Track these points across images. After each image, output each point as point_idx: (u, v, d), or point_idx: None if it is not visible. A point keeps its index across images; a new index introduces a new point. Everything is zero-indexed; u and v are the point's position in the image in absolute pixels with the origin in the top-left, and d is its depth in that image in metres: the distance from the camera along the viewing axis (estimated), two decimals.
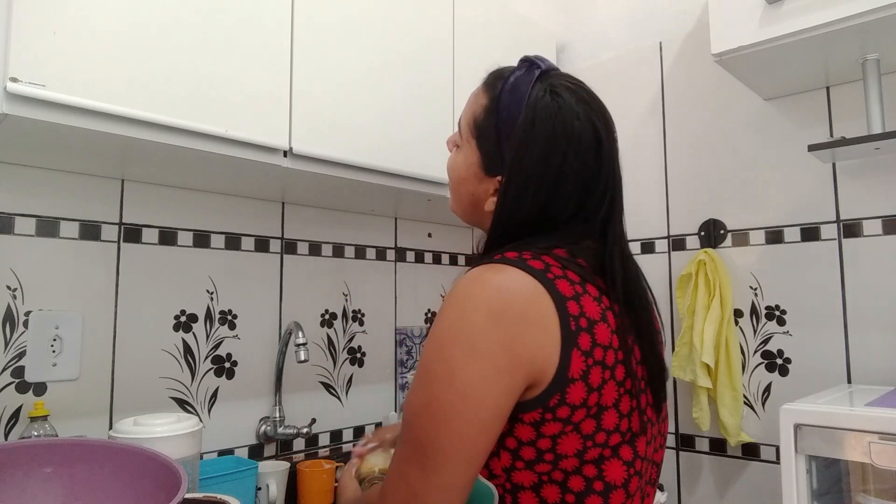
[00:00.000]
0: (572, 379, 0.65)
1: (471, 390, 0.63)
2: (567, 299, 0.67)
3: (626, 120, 1.85)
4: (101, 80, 0.93)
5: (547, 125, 0.76)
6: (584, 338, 0.66)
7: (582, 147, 0.77)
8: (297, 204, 1.58)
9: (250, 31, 1.13)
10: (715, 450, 1.59)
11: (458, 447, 0.63)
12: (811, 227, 1.49)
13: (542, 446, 0.66)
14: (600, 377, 0.66)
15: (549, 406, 0.64)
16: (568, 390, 0.64)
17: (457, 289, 0.68)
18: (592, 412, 0.66)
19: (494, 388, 0.63)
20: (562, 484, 0.66)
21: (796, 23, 1.22)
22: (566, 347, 0.65)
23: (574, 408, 0.65)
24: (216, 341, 1.40)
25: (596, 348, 0.67)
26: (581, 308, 0.67)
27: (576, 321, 0.66)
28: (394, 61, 1.39)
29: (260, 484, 1.31)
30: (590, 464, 0.67)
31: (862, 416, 1.00)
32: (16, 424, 1.12)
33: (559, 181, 0.75)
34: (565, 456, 0.66)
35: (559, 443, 0.65)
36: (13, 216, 1.15)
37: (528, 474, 0.67)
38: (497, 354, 0.64)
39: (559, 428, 0.65)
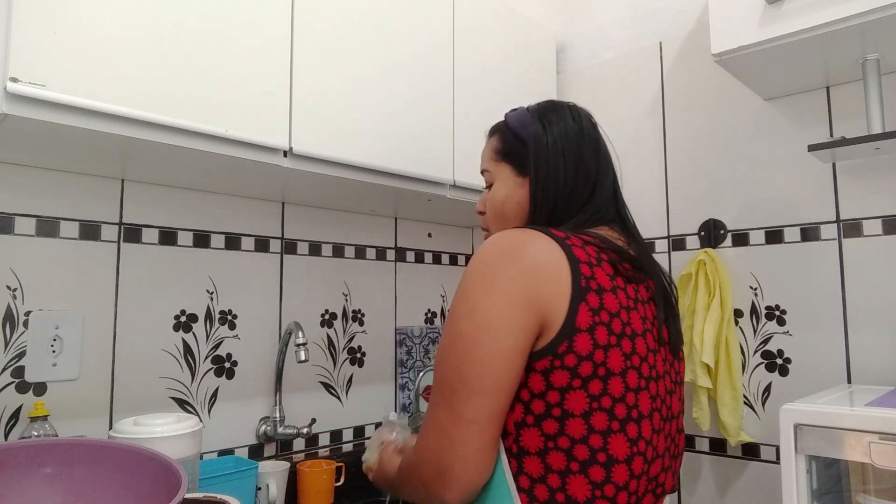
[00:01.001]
0: (579, 329, 0.70)
1: (490, 321, 0.70)
2: (581, 262, 0.73)
3: (626, 120, 1.85)
4: (101, 80, 0.93)
5: (554, 125, 0.91)
6: (593, 297, 0.72)
7: (584, 140, 0.91)
8: (297, 204, 1.58)
9: (250, 31, 1.13)
10: (715, 450, 1.59)
11: (481, 376, 0.69)
12: (811, 227, 1.49)
13: (551, 399, 0.70)
14: (606, 338, 0.71)
15: (557, 353, 0.70)
16: (575, 339, 0.70)
17: (484, 245, 0.77)
18: (599, 373, 0.70)
19: (511, 320, 0.70)
20: (567, 451, 0.70)
21: (796, 23, 1.22)
22: (575, 300, 0.70)
23: (580, 357, 0.70)
24: (216, 341, 1.40)
25: (602, 311, 0.72)
26: (593, 273, 0.73)
27: (587, 280, 0.72)
28: (394, 61, 1.39)
29: (260, 484, 1.31)
30: (597, 434, 0.70)
31: (862, 416, 1.00)
32: (16, 424, 1.12)
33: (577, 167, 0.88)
34: (572, 415, 0.70)
35: (567, 398, 0.70)
36: (13, 216, 1.15)
37: (536, 435, 0.70)
38: (513, 291, 0.70)
39: (567, 379, 0.70)
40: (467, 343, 0.71)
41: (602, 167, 0.91)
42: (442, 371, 0.73)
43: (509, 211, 0.92)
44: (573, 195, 0.87)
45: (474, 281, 0.73)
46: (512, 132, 0.95)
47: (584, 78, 1.95)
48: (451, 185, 1.51)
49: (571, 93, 1.96)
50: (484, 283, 0.72)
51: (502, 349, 0.69)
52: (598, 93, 1.92)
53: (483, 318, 0.70)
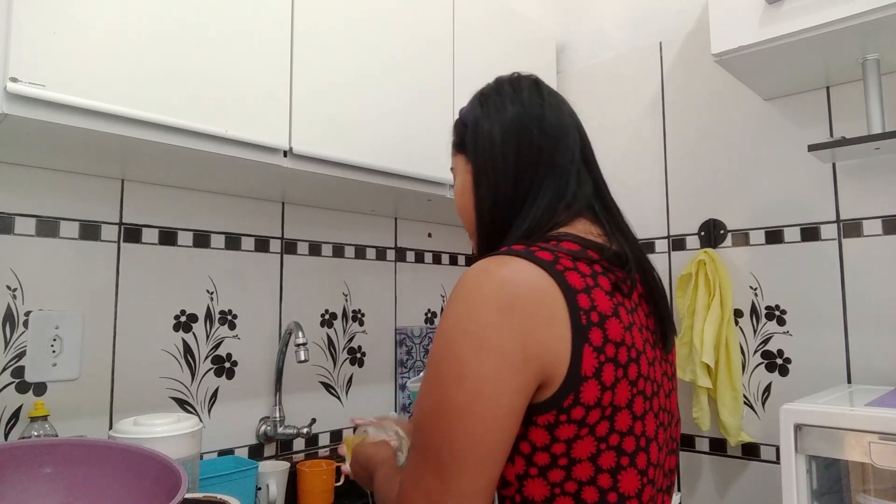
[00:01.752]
0: (585, 377, 0.62)
1: (483, 388, 0.61)
2: (577, 292, 0.64)
3: (626, 120, 1.85)
4: (101, 80, 0.93)
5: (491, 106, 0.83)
6: (596, 333, 0.64)
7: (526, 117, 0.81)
8: (297, 204, 1.58)
9: (250, 31, 1.13)
10: (715, 450, 1.59)
11: (474, 449, 0.61)
12: (811, 227, 1.49)
13: (557, 451, 0.63)
14: (613, 375, 0.64)
15: (563, 407, 0.62)
16: (581, 389, 0.62)
17: (463, 282, 0.66)
18: (607, 413, 0.63)
19: (507, 384, 0.61)
20: (575, 496, 0.63)
21: (796, 23, 1.22)
22: (577, 343, 0.62)
23: (588, 408, 0.63)
24: (216, 341, 1.40)
25: (608, 345, 0.64)
26: (592, 301, 0.65)
27: (587, 315, 0.64)
28: (394, 61, 1.39)
29: (260, 484, 1.31)
30: (605, 473, 0.64)
31: (862, 416, 1.00)
32: (16, 424, 1.12)
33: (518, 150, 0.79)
34: (579, 461, 0.63)
35: (574, 447, 0.63)
36: (13, 216, 1.15)
37: (541, 484, 0.64)
38: (508, 350, 0.61)
39: (574, 431, 0.63)
40: (458, 412, 0.61)
41: (550, 144, 0.79)
42: (426, 435, 0.64)
43: (466, 201, 0.85)
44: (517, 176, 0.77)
45: (461, 337, 0.63)
46: (461, 120, 0.89)
47: (584, 78, 1.95)
48: (452, 185, 1.51)
49: (571, 93, 1.96)
50: (472, 342, 0.62)
51: (497, 418, 0.61)
52: (598, 93, 1.92)
53: (474, 383, 0.61)
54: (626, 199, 0.97)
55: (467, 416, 0.61)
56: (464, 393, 0.61)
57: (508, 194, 0.78)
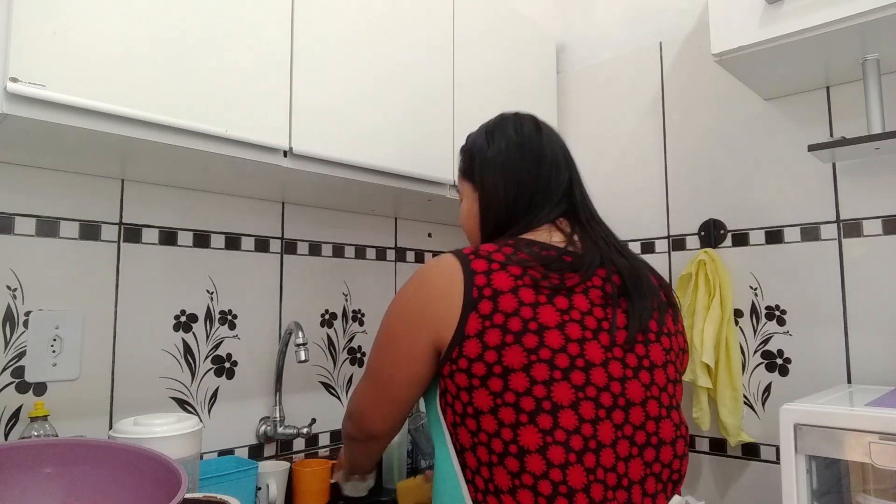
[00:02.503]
0: (468, 335, 0.80)
1: (395, 335, 0.88)
2: (476, 273, 0.82)
3: (626, 120, 1.85)
4: (101, 80, 0.93)
5: (496, 139, 1.00)
6: (485, 304, 0.80)
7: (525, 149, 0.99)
8: (297, 204, 1.58)
9: (250, 31, 1.13)
10: (715, 450, 1.59)
11: (385, 370, 0.89)
12: (811, 227, 1.49)
13: (463, 398, 0.80)
14: (500, 339, 0.78)
15: (452, 357, 0.81)
16: (464, 344, 0.80)
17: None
18: (495, 371, 0.78)
19: (408, 336, 0.86)
20: (487, 444, 0.78)
21: (796, 23, 1.22)
22: (465, 311, 0.80)
23: (470, 360, 0.79)
24: (216, 341, 1.40)
25: (496, 314, 0.79)
26: (489, 280, 0.82)
27: (479, 290, 0.81)
28: (394, 60, 1.39)
29: (260, 484, 1.31)
30: (506, 427, 0.77)
31: (862, 416, 1.00)
32: (16, 424, 1.12)
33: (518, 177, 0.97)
34: (482, 412, 0.78)
35: (473, 396, 0.79)
36: (13, 216, 1.15)
37: (464, 432, 0.81)
38: (412, 314, 0.86)
39: (466, 379, 0.79)
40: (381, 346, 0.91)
41: (545, 172, 0.97)
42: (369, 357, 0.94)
43: (473, 225, 1.03)
44: (516, 203, 0.96)
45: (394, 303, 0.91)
46: (467, 150, 1.05)
47: (584, 78, 1.95)
48: (452, 185, 1.51)
49: (571, 93, 1.96)
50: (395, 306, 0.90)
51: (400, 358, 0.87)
52: (598, 93, 1.92)
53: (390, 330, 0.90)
54: (626, 199, 0.99)
55: (383, 349, 0.90)
56: (385, 336, 0.90)
57: (504, 219, 0.97)
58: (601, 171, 1.87)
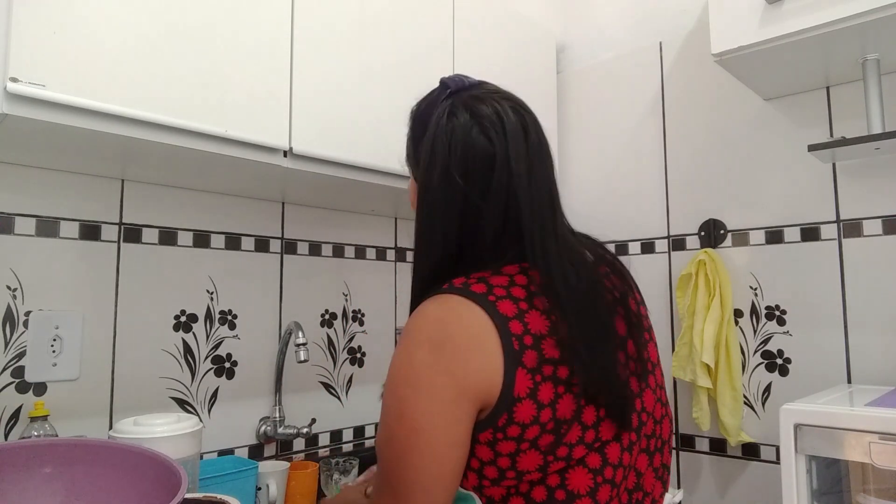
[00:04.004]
0: (518, 398, 0.65)
1: (419, 424, 0.65)
2: (509, 319, 0.66)
3: (626, 120, 1.85)
4: (101, 80, 0.93)
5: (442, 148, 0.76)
6: (530, 355, 0.66)
7: (478, 164, 0.74)
8: (297, 204, 1.58)
9: (250, 31, 1.13)
10: (715, 450, 1.59)
11: (416, 478, 0.65)
12: (811, 227, 1.49)
13: (503, 465, 0.66)
14: (552, 392, 0.66)
15: (498, 426, 0.65)
16: (515, 409, 0.65)
17: (406, 325, 0.70)
18: (549, 427, 0.65)
19: (442, 419, 0.65)
20: (526, 495, 0.67)
21: (796, 23, 1.22)
22: (510, 367, 0.65)
23: (524, 426, 0.65)
24: (216, 341, 1.40)
25: (544, 365, 0.66)
26: (525, 326, 0.67)
27: (519, 340, 0.66)
28: (394, 61, 1.39)
29: (260, 484, 1.31)
30: (553, 474, 0.67)
31: (862, 416, 1.00)
32: (16, 424, 1.12)
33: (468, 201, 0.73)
34: (527, 472, 0.66)
35: (518, 460, 0.66)
36: (13, 216, 1.15)
37: (496, 489, 0.68)
38: (440, 386, 0.65)
39: (514, 446, 0.65)
40: (401, 446, 0.67)
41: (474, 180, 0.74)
42: (381, 464, 0.70)
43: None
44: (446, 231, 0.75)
45: (401, 378, 0.68)
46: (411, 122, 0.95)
47: (584, 78, 1.95)
48: None
49: (571, 93, 1.96)
50: (409, 382, 0.67)
51: (435, 451, 0.65)
52: (598, 93, 1.92)
53: (411, 420, 0.66)
54: (626, 199, 0.98)
55: (408, 450, 0.66)
56: (404, 429, 0.66)
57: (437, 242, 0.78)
58: (601, 171, 1.87)
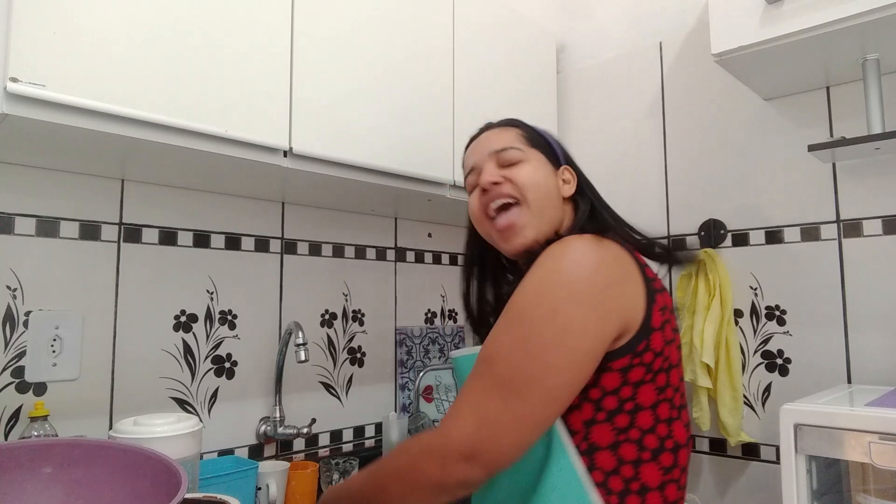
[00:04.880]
0: (654, 328, 0.75)
1: (572, 326, 0.69)
2: (644, 265, 0.81)
3: (626, 120, 1.85)
4: (101, 80, 0.93)
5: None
6: (660, 297, 0.79)
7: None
8: (297, 204, 1.58)
9: (250, 31, 1.12)
10: (715, 450, 1.59)
11: (548, 380, 0.68)
12: (811, 227, 1.49)
13: (625, 395, 0.73)
14: (672, 334, 0.80)
15: (637, 351, 0.73)
16: (652, 337, 0.75)
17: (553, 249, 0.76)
18: (665, 366, 0.77)
19: (592, 328, 0.70)
20: (638, 442, 0.73)
21: (796, 23, 1.22)
22: (649, 301, 0.76)
23: (656, 354, 0.75)
24: (216, 341, 1.40)
25: (666, 309, 0.80)
26: (655, 274, 0.81)
27: (653, 282, 0.79)
28: (394, 61, 1.39)
29: (260, 484, 1.31)
30: (663, 423, 0.76)
31: (862, 416, 1.00)
32: (16, 424, 1.12)
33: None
34: (642, 408, 0.74)
35: (639, 392, 0.74)
36: (13, 216, 1.15)
37: (607, 430, 0.73)
38: (597, 300, 0.72)
39: (642, 374, 0.74)
40: (544, 345, 0.69)
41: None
42: (502, 366, 0.70)
43: (550, 193, 0.93)
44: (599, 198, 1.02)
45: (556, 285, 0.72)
46: (533, 129, 1.01)
47: (584, 78, 1.95)
48: (451, 185, 1.51)
49: (571, 93, 1.96)
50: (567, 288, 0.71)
51: (577, 357, 0.69)
52: (598, 93, 1.92)
53: (564, 321, 0.69)
54: (626, 199, 0.99)
55: (553, 349, 0.69)
56: (554, 329, 0.69)
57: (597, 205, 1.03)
58: (601, 171, 1.87)
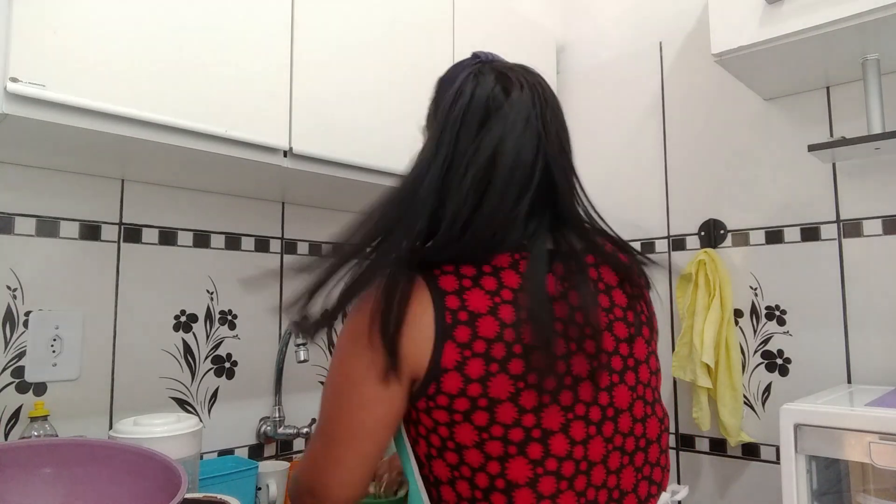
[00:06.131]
0: (445, 369, 0.68)
1: (352, 373, 0.73)
2: (447, 294, 0.70)
3: (626, 120, 1.85)
4: (101, 80, 0.93)
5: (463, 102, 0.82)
6: (462, 330, 0.68)
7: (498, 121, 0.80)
8: (297, 204, 1.58)
9: (250, 31, 1.12)
10: (715, 450, 1.59)
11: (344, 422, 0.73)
12: (811, 227, 1.49)
13: (443, 433, 0.70)
14: (483, 368, 0.68)
15: (428, 395, 0.69)
16: (442, 379, 0.68)
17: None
18: (481, 404, 0.68)
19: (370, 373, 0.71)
20: (470, 480, 0.70)
21: (796, 23, 1.22)
22: (438, 341, 0.68)
23: (451, 396, 0.68)
24: (216, 341, 1.40)
25: (477, 341, 0.68)
26: (462, 302, 0.69)
27: (453, 314, 0.69)
28: (394, 61, 1.39)
29: (260, 484, 1.31)
30: (494, 461, 0.68)
31: (862, 416, 1.00)
32: (16, 424, 1.12)
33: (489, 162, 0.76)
34: (465, 446, 0.69)
35: (455, 431, 0.69)
36: (13, 216, 1.15)
37: (442, 465, 0.71)
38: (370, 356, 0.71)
39: (447, 415, 0.69)
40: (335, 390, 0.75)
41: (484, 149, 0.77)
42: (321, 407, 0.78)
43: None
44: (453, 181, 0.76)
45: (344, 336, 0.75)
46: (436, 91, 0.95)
47: (584, 78, 1.95)
48: None
49: (571, 93, 1.96)
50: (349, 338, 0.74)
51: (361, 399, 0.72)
52: (598, 93, 1.92)
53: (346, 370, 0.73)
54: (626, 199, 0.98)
55: (340, 395, 0.74)
56: (340, 377, 0.74)
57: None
58: (601, 171, 1.87)
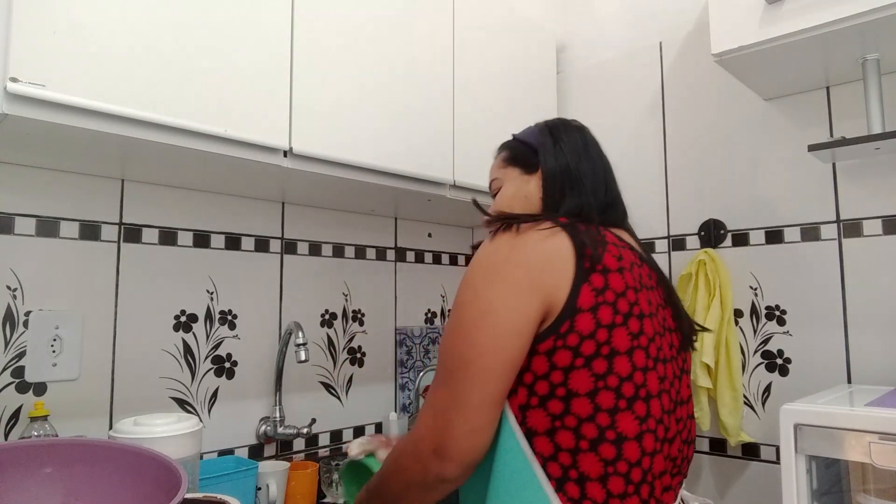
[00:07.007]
0: (580, 309, 0.72)
1: (490, 306, 0.73)
2: (585, 244, 0.76)
3: (626, 120, 1.84)
4: (101, 80, 0.93)
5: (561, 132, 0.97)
6: (597, 277, 0.74)
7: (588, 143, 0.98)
8: (297, 204, 1.58)
9: (250, 31, 1.13)
10: (715, 450, 1.59)
11: (480, 359, 0.72)
12: (811, 227, 1.49)
13: (555, 379, 0.72)
14: (611, 318, 0.73)
15: (560, 332, 0.72)
16: (577, 319, 0.72)
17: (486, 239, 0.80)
18: (603, 351, 0.72)
19: (513, 304, 0.72)
20: (574, 430, 0.72)
21: (796, 23, 1.22)
22: (577, 282, 0.73)
23: (582, 336, 0.72)
24: (216, 341, 1.40)
25: (607, 290, 0.74)
26: (598, 254, 0.76)
27: (590, 261, 0.75)
28: (394, 60, 1.39)
29: (260, 484, 1.31)
30: (604, 413, 0.72)
31: (862, 416, 1.00)
32: (16, 424, 1.12)
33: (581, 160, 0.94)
34: (576, 394, 0.72)
35: (570, 377, 0.72)
36: (13, 216, 1.15)
37: (542, 415, 0.72)
38: (516, 278, 0.73)
39: (570, 358, 0.72)
40: (468, 327, 0.74)
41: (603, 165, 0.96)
42: (443, 355, 0.76)
43: (516, 206, 0.96)
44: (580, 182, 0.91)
45: (478, 271, 0.76)
46: (520, 142, 1.01)
47: (584, 78, 1.95)
48: (451, 185, 1.51)
49: (571, 93, 1.96)
50: (487, 271, 0.75)
51: (501, 334, 0.72)
52: (598, 93, 1.92)
53: (484, 302, 0.73)
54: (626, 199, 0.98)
55: (475, 330, 0.73)
56: (475, 310, 0.74)
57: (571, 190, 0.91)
58: None
